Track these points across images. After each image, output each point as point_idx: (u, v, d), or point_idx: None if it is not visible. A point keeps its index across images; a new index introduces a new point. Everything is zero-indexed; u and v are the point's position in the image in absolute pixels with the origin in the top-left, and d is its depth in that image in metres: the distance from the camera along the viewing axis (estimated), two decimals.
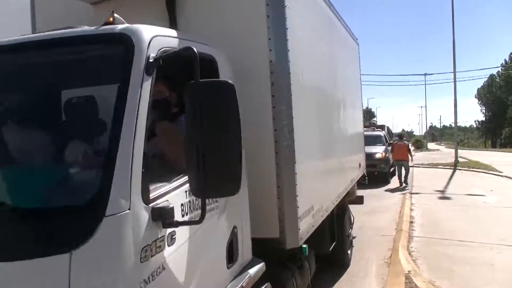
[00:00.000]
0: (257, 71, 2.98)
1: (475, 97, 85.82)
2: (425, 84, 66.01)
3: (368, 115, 78.18)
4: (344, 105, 5.97)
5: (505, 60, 72.43)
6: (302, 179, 3.16)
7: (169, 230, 1.84)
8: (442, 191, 13.92)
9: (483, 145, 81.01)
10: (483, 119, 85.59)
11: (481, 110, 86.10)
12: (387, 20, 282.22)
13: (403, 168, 16.07)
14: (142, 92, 1.78)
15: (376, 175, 16.25)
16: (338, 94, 5.50)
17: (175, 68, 2.13)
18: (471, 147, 75.21)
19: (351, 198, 6.59)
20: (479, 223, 8.82)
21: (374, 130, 20.72)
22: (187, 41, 2.17)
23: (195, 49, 1.77)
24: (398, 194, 13.75)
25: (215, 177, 1.71)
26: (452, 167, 22.61)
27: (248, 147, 2.79)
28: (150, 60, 1.84)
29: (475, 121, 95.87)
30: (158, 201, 1.79)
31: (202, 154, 1.68)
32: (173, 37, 2.15)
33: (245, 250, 2.59)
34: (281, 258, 3.21)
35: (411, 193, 13.70)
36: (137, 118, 1.72)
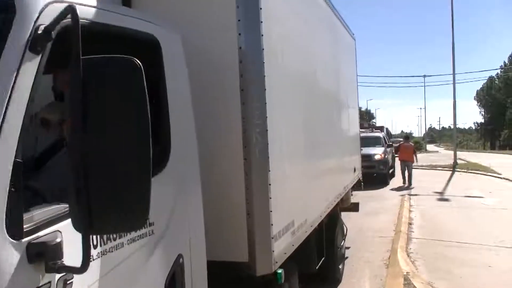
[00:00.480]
0: (222, 59, 2.38)
1: (474, 99, 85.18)
2: (424, 86, 65.83)
3: (367, 116, 77.55)
4: (337, 103, 5.25)
5: (505, 62, 71.81)
6: (278, 190, 2.56)
7: (59, 274, 1.24)
8: (441, 193, 13.72)
9: (482, 147, 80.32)
10: (482, 121, 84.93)
11: (480, 112, 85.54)
12: (387, 21, 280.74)
13: (406, 168, 16.14)
14: (20, 78, 1.18)
15: (375, 176, 16.35)
16: (330, 91, 4.80)
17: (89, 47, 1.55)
18: (470, 149, 74.51)
19: (345, 205, 5.86)
20: (477, 225, 8.69)
21: (372, 131, 20.43)
22: (113, 14, 1.59)
23: (76, 9, 1.16)
24: (397, 196, 13.50)
25: (104, 204, 1.12)
26: (451, 169, 22.38)
27: (210, 153, 2.28)
28: (39, 33, 1.25)
29: (474, 123, 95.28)
30: (40, 233, 1.20)
31: (85, 167, 1.09)
32: (87, 5, 1.48)
33: (197, 282, 1.98)
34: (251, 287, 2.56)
35: (410, 195, 13.46)
36: (4, 115, 1.14)
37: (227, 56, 2.39)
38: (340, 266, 5.29)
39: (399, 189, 15.54)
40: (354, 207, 6.67)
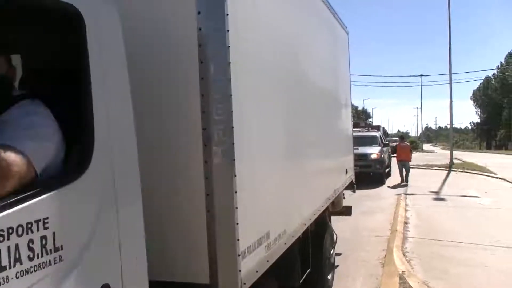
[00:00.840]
0: (179, 43, 1.97)
1: (471, 99, 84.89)
2: (421, 85, 65.24)
3: (364, 115, 77.15)
4: (326, 99, 4.67)
5: (501, 62, 71.46)
6: (249, 198, 2.11)
7: None
8: (437, 192, 13.56)
9: (478, 147, 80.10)
10: (479, 121, 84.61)
11: (476, 112, 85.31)
12: (383, 21, 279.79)
13: (404, 167, 16.35)
14: None
15: (371, 175, 16.33)
16: (318, 85, 4.19)
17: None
18: (466, 148, 74.26)
19: (336, 209, 5.34)
20: (473, 224, 8.58)
21: (368, 131, 20.26)
22: None
23: None
24: (393, 195, 13.30)
25: None
26: (447, 169, 22.25)
27: (163, 154, 1.88)
28: None
29: (470, 122, 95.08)
30: None
31: None
32: None
33: None
34: None
35: (406, 194, 13.28)
36: None
37: (183, 38, 1.96)
38: (329, 276, 4.81)
39: (395, 187, 15.55)
40: (346, 211, 6.06)
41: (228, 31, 1.98)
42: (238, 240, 1.99)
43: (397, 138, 23.58)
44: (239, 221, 1.99)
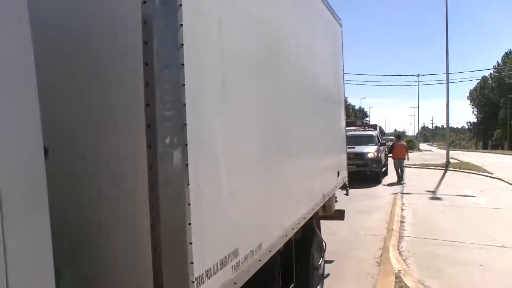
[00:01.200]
0: (119, 21, 1.57)
1: (468, 98, 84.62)
2: (418, 85, 64.81)
3: (361, 114, 76.79)
4: (315, 95, 4.10)
5: (498, 62, 71.09)
6: (208, 210, 1.70)
7: None
8: (433, 192, 13.38)
9: (474, 147, 79.84)
10: (475, 120, 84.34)
11: (473, 112, 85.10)
12: (381, 20, 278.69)
13: (399, 165, 16.44)
14: None
15: (368, 174, 16.25)
16: (303, 78, 3.63)
17: None
18: (462, 148, 73.97)
19: (327, 213, 4.85)
20: (469, 224, 8.46)
21: (365, 130, 20.17)
22: None
23: None
24: (390, 194, 13.09)
25: None
26: (444, 168, 22.05)
27: (97, 157, 1.56)
28: None
29: (467, 122, 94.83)
30: None
31: None
32: None
33: None
34: None
35: (402, 193, 13.09)
36: None
37: (124, 13, 1.55)
38: None
39: (391, 185, 15.46)
40: (339, 215, 5.52)
41: (180, 5, 1.56)
42: (192, 263, 1.57)
43: (393, 137, 23.39)
44: (194, 239, 1.58)
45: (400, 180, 16.29)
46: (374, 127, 24.68)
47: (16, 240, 1.01)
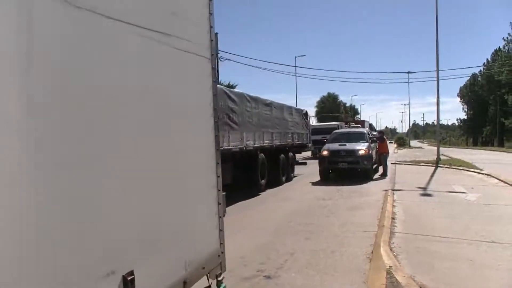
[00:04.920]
0: None
1: (458, 95, 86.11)
2: (409, 82, 65.93)
3: (352, 112, 77.63)
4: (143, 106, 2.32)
5: (487, 59, 72.60)
6: None
7: None
8: (424, 188, 13.56)
9: (464, 143, 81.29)
10: (465, 117, 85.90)
11: (463, 109, 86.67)
12: (371, 18, 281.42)
13: (383, 159, 18.41)
14: None
15: (359, 171, 16.73)
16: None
17: None
18: (452, 145, 75.29)
19: None
20: (460, 220, 8.57)
21: (350, 127, 21.08)
22: None
23: None
24: (380, 191, 13.29)
25: None
26: (434, 165, 22.48)
27: None
28: None
29: (457, 119, 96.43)
30: None
31: None
32: None
33: None
34: None
35: (393, 190, 13.29)
36: None
37: None
38: None
39: (377, 180, 16.15)
40: None
41: None
42: None
43: (375, 133, 24.74)
44: None
45: (385, 172, 17.87)
46: (361, 123, 25.13)
47: None
